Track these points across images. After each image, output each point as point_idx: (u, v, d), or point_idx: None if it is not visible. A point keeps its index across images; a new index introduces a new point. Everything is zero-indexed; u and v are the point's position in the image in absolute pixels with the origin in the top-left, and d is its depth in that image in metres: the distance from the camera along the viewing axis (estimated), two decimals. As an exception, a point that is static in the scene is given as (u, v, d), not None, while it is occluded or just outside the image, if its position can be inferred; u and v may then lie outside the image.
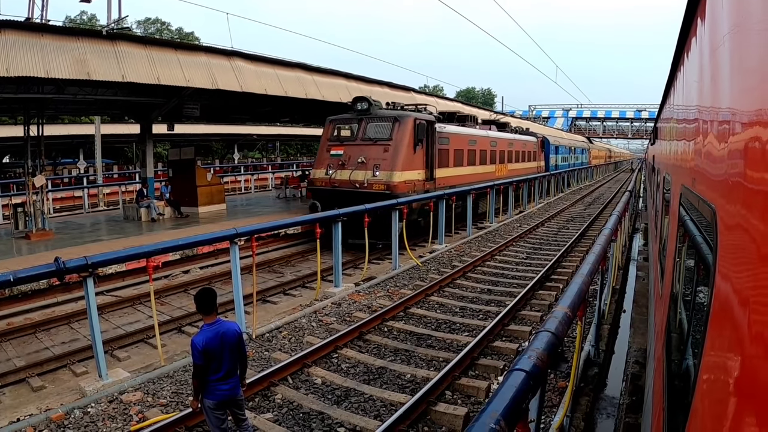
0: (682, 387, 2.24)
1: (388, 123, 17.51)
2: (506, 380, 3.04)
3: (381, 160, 16.92)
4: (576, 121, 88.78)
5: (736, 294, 1.28)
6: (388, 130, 17.41)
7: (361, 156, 17.34)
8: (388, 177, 16.63)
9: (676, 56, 4.83)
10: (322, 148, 19.12)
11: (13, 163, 38.46)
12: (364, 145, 17.61)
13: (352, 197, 16.03)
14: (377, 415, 6.67)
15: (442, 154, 19.69)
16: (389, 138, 17.20)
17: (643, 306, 10.30)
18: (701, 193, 2.19)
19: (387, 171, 16.71)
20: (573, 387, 6.11)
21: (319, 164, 18.62)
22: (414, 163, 17.49)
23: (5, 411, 7.10)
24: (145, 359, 8.94)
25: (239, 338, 5.24)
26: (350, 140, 18.18)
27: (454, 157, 21.00)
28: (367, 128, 17.87)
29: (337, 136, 18.74)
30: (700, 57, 2.63)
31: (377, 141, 17.38)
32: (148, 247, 8.45)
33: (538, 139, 36.27)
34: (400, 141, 17.04)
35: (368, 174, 16.92)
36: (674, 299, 3.25)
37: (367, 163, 17.11)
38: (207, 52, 17.53)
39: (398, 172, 16.72)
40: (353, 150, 17.74)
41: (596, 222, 23.08)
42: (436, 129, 18.92)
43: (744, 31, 1.46)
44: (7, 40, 12.35)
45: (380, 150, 17.15)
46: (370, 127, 17.84)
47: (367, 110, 18.16)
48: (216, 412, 5.21)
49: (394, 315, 10.44)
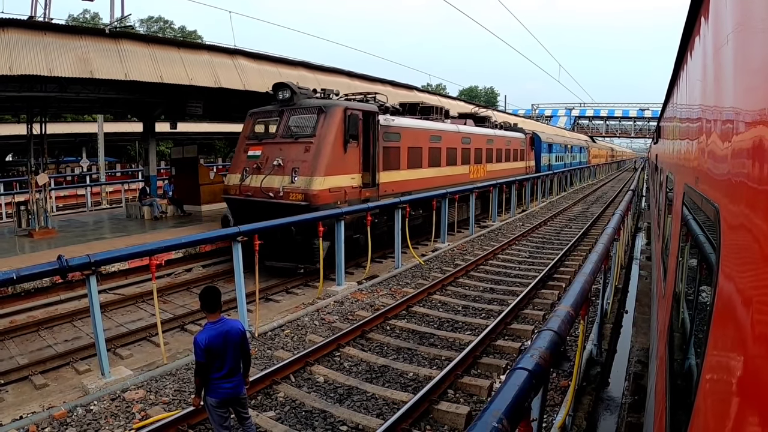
0: (685, 386, 2.23)
1: (311, 115, 14.13)
2: (509, 379, 3.04)
3: (301, 162, 13.50)
4: (579, 120, 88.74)
5: (739, 293, 1.27)
6: (311, 124, 14.04)
7: (278, 157, 13.93)
8: (306, 184, 13.18)
9: (680, 55, 4.82)
10: (238, 149, 15.74)
11: (17, 161, 38.58)
12: (284, 144, 14.15)
13: (265, 209, 13.05)
14: (379, 413, 6.68)
15: (391, 154, 16.35)
16: (312, 134, 13.79)
17: (645, 305, 10.28)
18: (704, 192, 2.18)
19: (306, 176, 13.27)
20: (575, 386, 6.10)
21: (233, 168, 15.32)
22: (345, 165, 14.09)
23: (8, 408, 7.13)
24: (148, 357, 8.96)
25: (242, 336, 5.24)
26: (270, 138, 14.75)
27: (409, 156, 17.50)
28: (289, 122, 14.50)
29: (256, 134, 15.29)
30: (704, 56, 2.63)
31: (299, 138, 13.96)
32: (150, 245, 8.46)
33: (526, 136, 32.44)
34: (325, 137, 13.59)
35: (285, 180, 13.55)
36: (677, 298, 3.25)
37: (284, 166, 13.73)
38: (210, 50, 17.57)
39: (319, 177, 13.27)
40: (272, 150, 14.30)
41: (599, 221, 23.04)
42: (379, 122, 15.42)
43: (747, 30, 1.45)
44: (10, 38, 12.39)
45: (301, 149, 13.73)
46: (292, 121, 14.50)
47: (289, 100, 14.74)
48: (219, 410, 5.21)
49: (396, 313, 10.44)
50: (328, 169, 13.48)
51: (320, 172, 13.31)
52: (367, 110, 15.15)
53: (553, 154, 40.20)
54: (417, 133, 18.17)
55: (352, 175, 14.44)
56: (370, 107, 15.50)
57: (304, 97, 14.87)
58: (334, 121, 13.79)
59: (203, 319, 10.37)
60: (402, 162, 17.06)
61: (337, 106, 14.08)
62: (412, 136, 17.71)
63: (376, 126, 15.28)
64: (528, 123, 50.34)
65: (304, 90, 15.20)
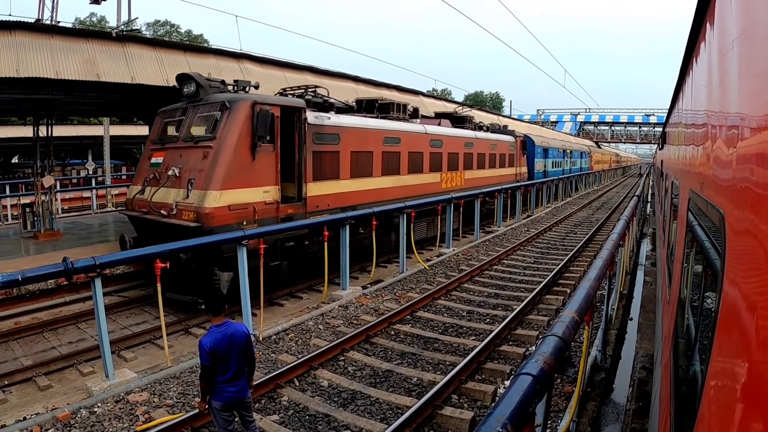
0: (689, 393, 2.23)
1: (214, 112, 11.39)
2: (513, 384, 3.04)
3: (198, 172, 10.81)
4: (584, 125, 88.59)
5: (744, 299, 1.27)
6: (212, 123, 11.32)
7: (176, 166, 11.33)
8: (199, 200, 10.45)
9: (685, 61, 4.82)
10: (143, 155, 13.36)
11: (23, 163, 38.73)
12: (185, 149, 11.52)
13: (159, 230, 10.80)
14: (383, 418, 6.67)
15: (326, 160, 13.43)
16: (212, 136, 11.05)
17: (650, 311, 10.24)
18: (710, 197, 2.18)
19: (200, 190, 10.56)
20: (579, 392, 6.08)
21: (136, 178, 12.80)
22: (253, 175, 11.23)
23: (12, 410, 7.15)
24: (152, 360, 8.97)
25: (247, 340, 5.24)
26: (173, 141, 12.03)
27: (353, 163, 14.46)
28: (191, 122, 11.87)
29: (160, 137, 12.60)
30: (709, 62, 2.63)
31: (199, 141, 11.26)
32: (155, 248, 8.48)
33: (516, 139, 28.75)
34: (225, 140, 10.81)
35: (181, 194, 10.89)
36: (682, 304, 3.24)
37: (181, 176, 11.09)
38: (216, 54, 17.64)
39: (214, 192, 10.42)
40: (173, 156, 11.71)
41: (604, 227, 22.99)
42: (306, 120, 12.52)
43: (753, 36, 1.45)
44: (17, 41, 12.47)
45: (200, 156, 11.01)
46: (195, 120, 11.84)
47: (195, 95, 12.14)
48: (223, 413, 5.22)
49: (401, 318, 10.43)
50: (227, 181, 10.62)
51: (216, 185, 10.44)
52: (288, 105, 12.26)
53: (550, 159, 36.57)
54: (364, 135, 15.02)
55: (266, 187, 11.46)
56: (291, 102, 12.57)
57: (215, 91, 12.06)
58: (238, 119, 10.94)
59: (207, 323, 10.42)
60: (343, 170, 14.05)
61: (243, 100, 11.20)
62: (358, 137, 14.67)
63: (301, 125, 12.40)
64: (533, 128, 50.25)
65: (214, 82, 12.36)
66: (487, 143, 24.33)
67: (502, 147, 26.40)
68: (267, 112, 11.18)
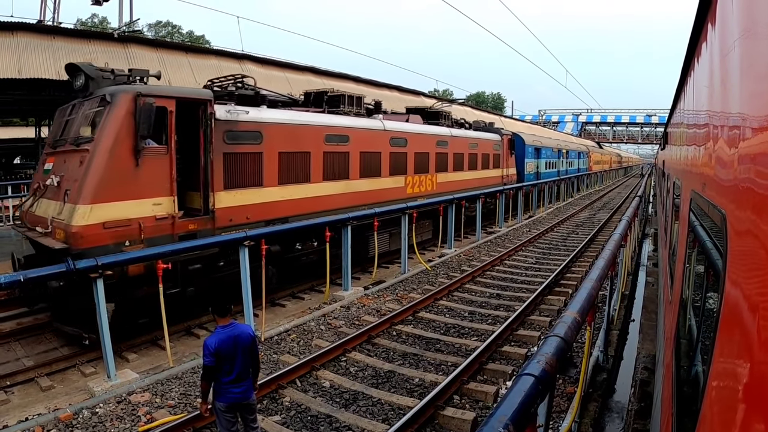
0: (691, 393, 2.23)
1: (96, 108, 9.34)
2: (515, 385, 3.04)
3: (73, 182, 8.89)
4: (586, 125, 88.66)
5: (745, 300, 1.27)
6: (93, 122, 9.30)
7: (58, 173, 9.48)
8: (68, 216, 8.53)
9: (687, 61, 4.82)
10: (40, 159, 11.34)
11: (24, 164, 38.79)
12: (68, 152, 9.57)
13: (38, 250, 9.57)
14: (385, 418, 6.67)
15: (245, 163, 11.06)
16: (91, 137, 9.08)
17: (652, 312, 10.23)
18: (711, 198, 2.18)
19: (72, 203, 8.63)
20: (581, 392, 6.08)
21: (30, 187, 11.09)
22: (139, 183, 9.10)
23: (14, 410, 7.16)
24: (154, 360, 8.98)
25: (253, 341, 5.23)
26: (62, 144, 9.98)
27: (282, 166, 11.97)
28: (77, 121, 9.87)
29: (55, 138, 10.51)
30: (711, 62, 2.63)
31: (80, 143, 9.23)
32: (157, 249, 8.49)
33: (503, 138, 25.74)
34: (100, 142, 8.84)
35: (58, 208, 8.99)
36: (684, 305, 3.24)
37: (61, 185, 9.23)
38: (217, 55, 17.70)
39: (83, 206, 8.46)
40: (60, 162, 9.80)
41: (605, 227, 22.97)
42: (213, 115, 10.21)
43: (754, 36, 1.45)
44: (19, 41, 12.52)
45: (77, 161, 9.09)
46: (80, 119, 9.79)
47: (85, 88, 10.07)
48: (227, 414, 5.21)
49: (402, 319, 10.44)
50: (100, 193, 8.67)
51: (86, 198, 8.53)
52: (186, 98, 10.03)
53: (543, 159, 33.94)
54: (298, 132, 12.47)
55: (156, 199, 9.36)
56: (191, 93, 10.42)
57: (108, 83, 9.84)
58: (117, 116, 8.96)
59: (209, 324, 10.43)
60: (267, 175, 11.60)
61: (124, 92, 9.12)
62: (288, 135, 12.15)
63: (207, 121, 10.17)
64: (534, 129, 50.29)
65: (105, 72, 10.09)
66: (465, 142, 21.64)
67: (484, 146, 23.66)
68: (151, 105, 9.06)
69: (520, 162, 28.87)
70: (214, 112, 10.25)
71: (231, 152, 10.70)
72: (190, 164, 10.36)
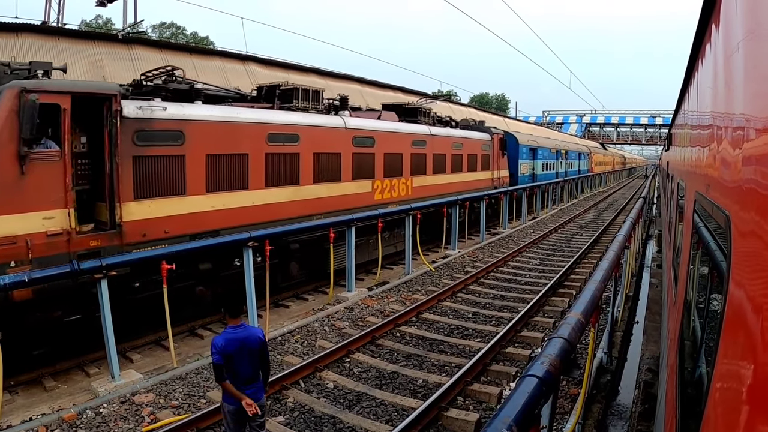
0: (695, 395, 2.22)
1: None
2: (519, 386, 3.05)
3: None
4: (590, 127, 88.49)
5: (749, 301, 1.27)
6: None
7: None
8: None
9: (691, 62, 4.81)
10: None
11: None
12: None
13: None
14: (389, 419, 6.67)
15: (161, 168, 9.52)
16: None
17: (656, 313, 10.20)
18: (715, 199, 2.17)
19: None
20: (585, 394, 6.07)
21: None
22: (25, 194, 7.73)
23: (18, 410, 7.19)
24: (158, 361, 9.00)
25: (262, 345, 5.15)
26: None
27: (210, 171, 10.33)
28: None
29: None
30: (715, 63, 2.62)
31: None
32: (161, 250, 8.51)
33: (493, 137, 23.66)
34: None
35: None
36: (687, 307, 3.23)
37: None
38: (221, 56, 17.75)
39: None
40: None
41: (610, 228, 22.92)
42: (120, 112, 8.75)
43: (758, 38, 1.45)
44: (24, 43, 12.58)
45: None
46: None
47: None
48: (235, 416, 5.18)
49: (406, 320, 10.43)
50: None
51: None
52: (84, 92, 8.67)
53: (539, 161, 31.96)
54: (231, 131, 10.74)
55: (48, 212, 7.98)
56: (90, 87, 9.14)
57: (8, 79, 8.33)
58: None
59: (211, 324, 10.46)
60: (192, 181, 10.01)
61: (8, 88, 7.75)
62: (219, 135, 10.48)
63: (113, 120, 8.71)
64: (538, 130, 50.20)
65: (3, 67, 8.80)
66: (447, 141, 19.50)
67: (471, 146, 21.40)
68: (34, 102, 7.61)
69: (514, 163, 26.94)
70: (120, 109, 8.77)
71: (143, 155, 9.19)
72: (96, 171, 9.07)
